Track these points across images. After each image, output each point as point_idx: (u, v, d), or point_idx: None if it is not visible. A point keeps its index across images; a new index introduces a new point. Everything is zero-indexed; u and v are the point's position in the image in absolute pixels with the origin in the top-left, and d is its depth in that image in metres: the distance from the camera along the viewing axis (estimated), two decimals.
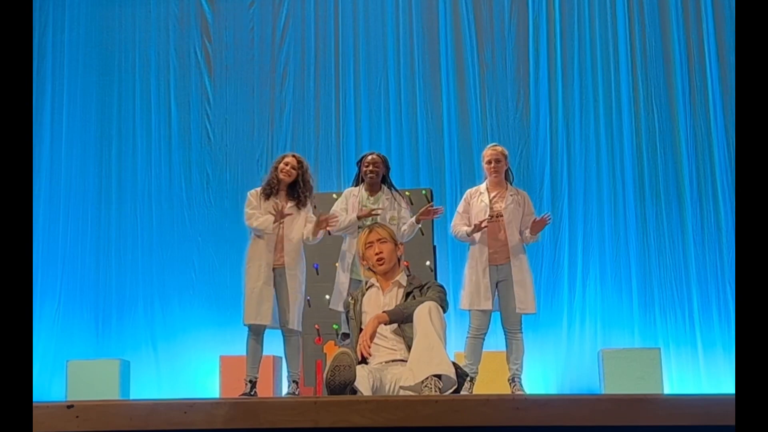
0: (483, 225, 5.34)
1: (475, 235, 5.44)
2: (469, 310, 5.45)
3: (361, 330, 3.95)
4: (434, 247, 6.60)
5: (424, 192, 6.92)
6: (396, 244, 4.12)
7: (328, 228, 5.56)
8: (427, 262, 6.47)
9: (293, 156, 5.67)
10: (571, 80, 7.87)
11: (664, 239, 7.51)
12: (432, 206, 5.76)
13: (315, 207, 5.75)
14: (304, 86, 8.15)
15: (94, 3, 8.43)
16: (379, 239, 4.06)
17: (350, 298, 4.20)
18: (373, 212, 5.59)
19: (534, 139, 7.81)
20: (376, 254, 4.04)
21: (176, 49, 8.32)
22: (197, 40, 8.31)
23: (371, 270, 4.13)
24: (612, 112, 7.78)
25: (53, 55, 8.36)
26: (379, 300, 4.02)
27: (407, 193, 6.74)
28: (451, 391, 3.67)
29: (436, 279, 6.49)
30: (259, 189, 5.65)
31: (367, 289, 4.12)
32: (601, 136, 7.75)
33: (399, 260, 4.14)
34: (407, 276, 4.15)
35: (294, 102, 8.14)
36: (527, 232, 5.47)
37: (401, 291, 4.03)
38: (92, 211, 8.08)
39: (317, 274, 6.36)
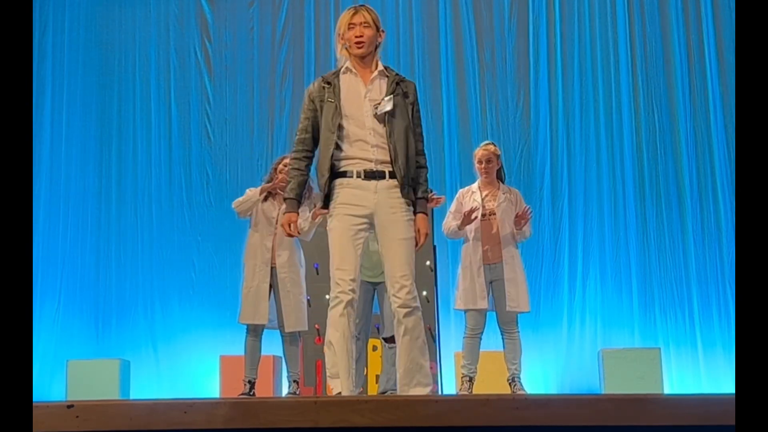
0: (473, 216, 5.32)
1: (466, 230, 5.42)
2: (465, 311, 5.44)
3: (336, 110, 3.76)
4: (434, 247, 6.59)
5: None
6: (378, 30, 3.88)
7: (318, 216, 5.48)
8: (427, 262, 6.47)
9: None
10: (571, 80, 7.87)
11: (664, 239, 7.51)
12: (433, 194, 5.58)
13: (315, 206, 5.72)
14: (304, 86, 8.11)
15: (94, 3, 8.42)
16: (363, 22, 3.82)
17: (322, 81, 3.89)
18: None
19: (534, 139, 7.81)
20: (357, 36, 3.81)
21: (176, 49, 8.31)
22: (197, 40, 8.30)
23: (347, 50, 3.88)
24: (612, 112, 7.77)
25: (53, 56, 8.34)
26: (360, 89, 3.82)
27: None
28: None
29: (435, 279, 6.49)
30: (258, 188, 5.68)
31: (342, 74, 3.88)
32: (601, 136, 7.75)
33: (377, 47, 3.90)
34: (385, 67, 3.92)
35: (294, 102, 8.12)
36: (515, 228, 5.45)
37: (384, 82, 3.85)
38: (92, 211, 8.07)
39: (317, 274, 6.35)
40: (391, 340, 5.11)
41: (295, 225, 3.86)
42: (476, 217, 5.36)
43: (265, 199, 5.61)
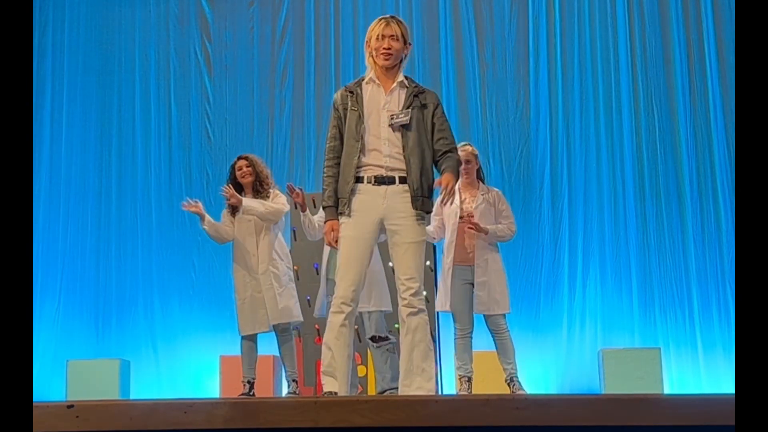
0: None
1: (441, 234, 5.47)
2: (451, 312, 5.45)
3: (359, 118, 3.86)
4: (434, 247, 6.59)
5: None
6: (405, 43, 3.98)
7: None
8: (428, 262, 6.47)
9: (241, 158, 5.73)
10: (571, 80, 7.87)
11: (664, 239, 7.51)
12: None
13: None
14: (304, 86, 8.15)
15: (94, 3, 8.42)
16: (392, 35, 3.92)
17: (345, 90, 3.99)
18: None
19: (534, 139, 7.80)
20: (385, 48, 3.90)
21: (176, 49, 8.31)
22: (197, 40, 8.30)
23: (373, 58, 3.96)
24: (612, 112, 7.77)
25: (53, 55, 8.34)
26: (380, 99, 3.90)
27: None
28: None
29: (435, 279, 6.48)
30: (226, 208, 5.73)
31: (366, 84, 3.97)
32: (601, 136, 7.74)
33: (402, 60, 3.98)
34: (405, 78, 4.00)
35: (294, 102, 8.13)
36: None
37: (404, 92, 3.93)
38: (92, 211, 8.07)
39: (317, 274, 6.35)
40: (376, 339, 5.12)
41: (337, 232, 3.88)
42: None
43: (234, 212, 5.62)
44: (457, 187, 5.54)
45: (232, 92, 8.20)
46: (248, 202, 5.49)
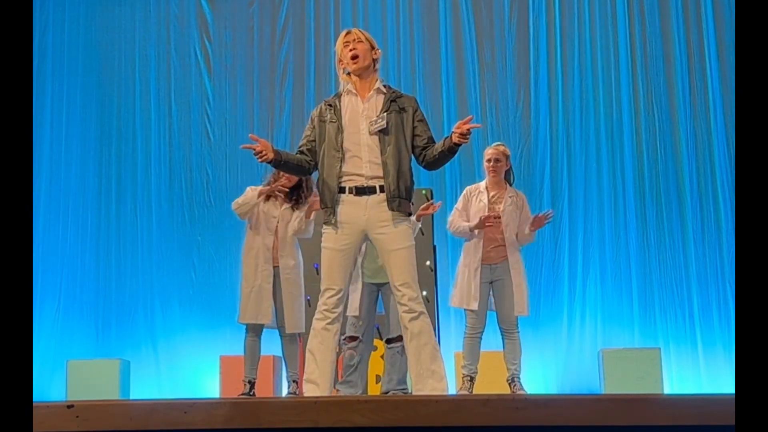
0: (487, 224, 5.32)
1: (475, 231, 5.43)
2: (463, 310, 5.44)
3: (338, 129, 3.92)
4: (434, 247, 6.59)
5: (424, 192, 6.91)
6: (373, 48, 4.05)
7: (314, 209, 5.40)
8: (427, 262, 6.47)
9: None
10: (571, 80, 7.87)
11: (665, 239, 7.51)
12: (431, 202, 5.61)
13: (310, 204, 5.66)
14: (304, 86, 8.15)
15: (94, 3, 8.42)
16: (355, 39, 4.01)
17: (324, 104, 4.09)
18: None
19: (534, 138, 7.81)
20: (351, 50, 3.98)
21: (176, 48, 8.31)
22: (197, 40, 8.30)
23: (347, 75, 4.04)
24: (612, 112, 7.77)
25: (53, 55, 8.34)
26: (358, 106, 3.97)
27: None
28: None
29: (435, 279, 6.49)
30: (259, 186, 5.64)
31: (344, 96, 4.04)
32: (601, 136, 7.75)
33: (374, 62, 4.06)
34: (383, 85, 4.06)
35: (294, 102, 8.13)
36: (527, 229, 5.44)
37: (381, 98, 3.99)
38: (92, 211, 8.07)
39: (317, 273, 6.36)
40: (392, 340, 5.11)
41: (264, 151, 4.01)
42: (491, 225, 5.35)
43: (267, 198, 5.59)
44: (484, 185, 5.56)
45: (232, 92, 8.20)
46: (308, 225, 5.45)
